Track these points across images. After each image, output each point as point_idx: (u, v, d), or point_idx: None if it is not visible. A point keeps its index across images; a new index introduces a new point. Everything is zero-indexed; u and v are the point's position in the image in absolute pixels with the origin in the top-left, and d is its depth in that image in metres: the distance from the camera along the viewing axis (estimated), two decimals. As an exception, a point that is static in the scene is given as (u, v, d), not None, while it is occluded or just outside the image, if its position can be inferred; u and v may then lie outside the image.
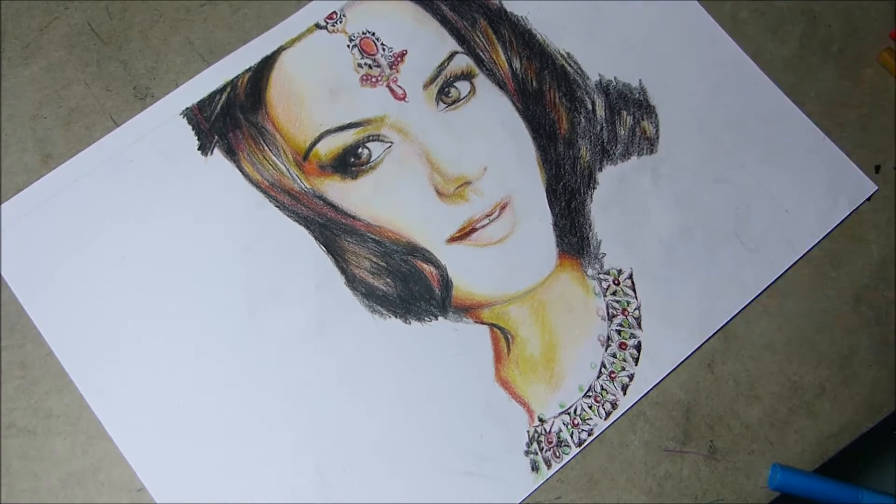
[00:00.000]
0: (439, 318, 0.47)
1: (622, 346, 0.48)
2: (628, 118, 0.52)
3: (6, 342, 0.45)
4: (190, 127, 0.49)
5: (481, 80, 0.51)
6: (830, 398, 0.48)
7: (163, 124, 0.49)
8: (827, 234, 0.51)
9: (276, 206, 0.48)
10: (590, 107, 0.52)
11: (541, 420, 0.46)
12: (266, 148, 0.49)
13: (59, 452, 0.44)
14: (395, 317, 0.47)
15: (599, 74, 0.52)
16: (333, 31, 0.51)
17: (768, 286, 0.50)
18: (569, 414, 0.46)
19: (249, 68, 0.50)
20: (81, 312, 0.46)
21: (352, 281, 0.48)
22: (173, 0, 0.52)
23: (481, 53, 0.52)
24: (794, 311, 0.50)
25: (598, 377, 0.47)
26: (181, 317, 0.46)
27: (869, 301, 0.50)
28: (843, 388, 0.48)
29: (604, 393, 0.47)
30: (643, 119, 0.52)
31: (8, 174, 0.48)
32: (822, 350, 0.49)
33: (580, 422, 0.46)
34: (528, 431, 0.46)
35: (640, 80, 0.53)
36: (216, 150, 0.49)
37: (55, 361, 0.45)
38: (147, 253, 0.47)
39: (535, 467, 0.45)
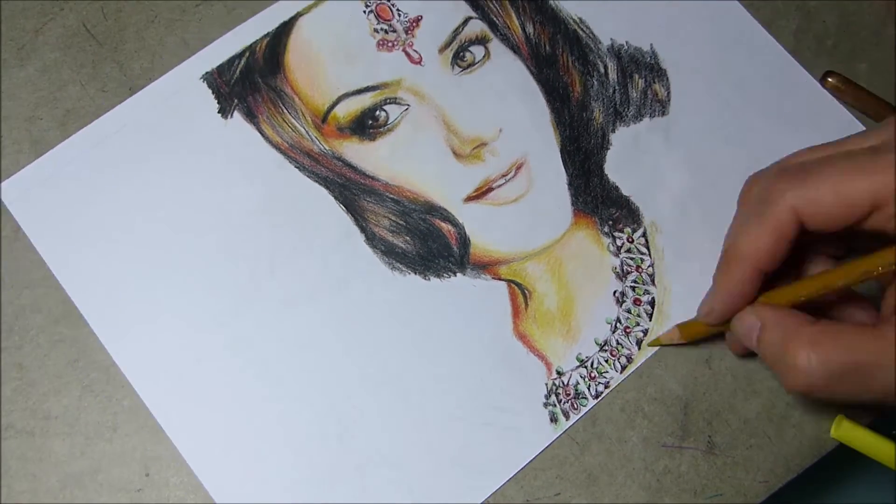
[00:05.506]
0: (458, 274, 0.48)
1: (636, 301, 0.48)
2: (640, 81, 0.53)
3: (4, 343, 0.45)
4: (210, 91, 0.50)
5: (495, 45, 0.52)
6: (829, 392, 0.47)
7: (182, 88, 0.50)
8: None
9: (296, 167, 0.49)
10: (602, 70, 0.53)
11: (559, 373, 0.47)
12: (285, 111, 0.50)
13: (57, 454, 0.44)
14: (415, 273, 0.48)
15: (611, 39, 0.53)
16: (350, -3, 0.52)
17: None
18: (586, 367, 0.47)
19: (268, 33, 0.51)
20: (107, 278, 0.46)
21: (371, 239, 0.48)
22: (168, 0, 0.52)
23: (495, 19, 0.53)
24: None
25: (614, 332, 0.48)
26: (204, 276, 0.47)
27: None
28: (841, 381, 0.48)
29: (619, 347, 0.48)
30: (654, 82, 0.53)
31: (5, 176, 0.48)
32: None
33: (597, 375, 0.47)
34: (546, 384, 0.47)
35: (651, 45, 0.53)
36: (236, 113, 0.50)
37: (53, 363, 0.45)
38: (169, 215, 0.48)
39: (553, 419, 0.46)
